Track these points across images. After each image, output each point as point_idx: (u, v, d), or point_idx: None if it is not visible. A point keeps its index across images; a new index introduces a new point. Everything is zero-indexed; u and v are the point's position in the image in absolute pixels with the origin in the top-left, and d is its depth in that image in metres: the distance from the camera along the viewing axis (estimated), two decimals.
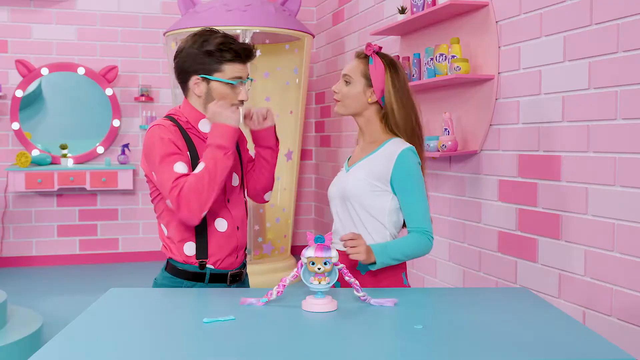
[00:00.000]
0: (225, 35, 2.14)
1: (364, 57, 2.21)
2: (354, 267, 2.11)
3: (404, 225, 2.20)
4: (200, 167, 2.05)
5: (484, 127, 3.56)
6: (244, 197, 2.33)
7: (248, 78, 2.19)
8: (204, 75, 2.13)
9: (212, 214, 2.17)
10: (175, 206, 2.03)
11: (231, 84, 2.13)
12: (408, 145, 2.14)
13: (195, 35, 2.16)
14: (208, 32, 2.15)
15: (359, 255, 1.95)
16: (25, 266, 6.30)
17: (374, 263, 2.01)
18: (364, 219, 2.13)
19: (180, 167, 2.07)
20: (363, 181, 2.13)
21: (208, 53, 2.11)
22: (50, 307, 4.84)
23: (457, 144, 3.65)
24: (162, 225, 2.21)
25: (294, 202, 6.02)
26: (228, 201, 2.21)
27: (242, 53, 2.13)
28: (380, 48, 2.22)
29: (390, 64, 2.20)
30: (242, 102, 2.17)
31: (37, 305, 4.83)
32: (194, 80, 2.15)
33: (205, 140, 2.17)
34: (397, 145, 2.14)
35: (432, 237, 2.11)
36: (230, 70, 2.12)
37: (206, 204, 2.03)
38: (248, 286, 2.36)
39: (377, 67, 2.19)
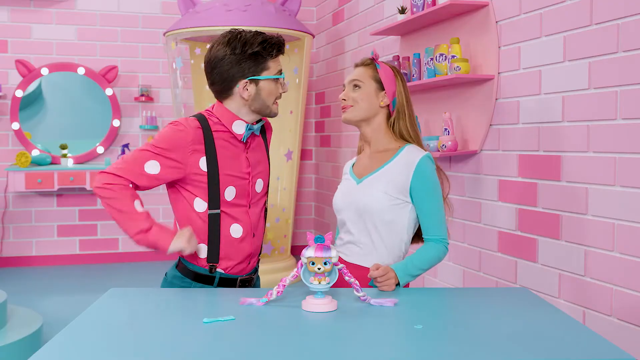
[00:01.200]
0: (260, 33, 2.14)
1: (368, 63, 2.21)
2: (367, 281, 2.10)
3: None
4: (136, 206, 2.06)
5: (484, 127, 3.56)
6: (265, 204, 2.30)
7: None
8: (253, 77, 2.11)
9: (229, 219, 2.15)
10: (100, 180, 2.07)
11: (277, 78, 2.15)
12: (424, 152, 2.13)
13: (229, 39, 2.11)
14: (241, 34, 2.12)
15: (389, 287, 1.97)
16: (25, 266, 6.30)
17: (397, 284, 2.02)
18: (382, 234, 2.12)
19: (150, 167, 2.07)
20: (383, 196, 2.10)
21: (254, 55, 2.09)
22: (50, 307, 4.84)
23: (457, 144, 3.65)
24: (177, 224, 2.21)
25: (294, 202, 6.02)
26: (249, 207, 2.19)
27: (282, 46, 2.15)
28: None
29: (397, 70, 2.23)
30: (281, 95, 2.20)
31: (37, 305, 4.83)
32: (242, 84, 2.12)
33: (233, 140, 2.15)
34: (414, 153, 2.12)
35: (448, 243, 2.14)
36: (274, 65, 2.14)
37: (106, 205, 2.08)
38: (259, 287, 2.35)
39: (385, 71, 2.20)
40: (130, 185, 2.09)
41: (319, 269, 1.71)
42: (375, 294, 1.93)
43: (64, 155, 6.29)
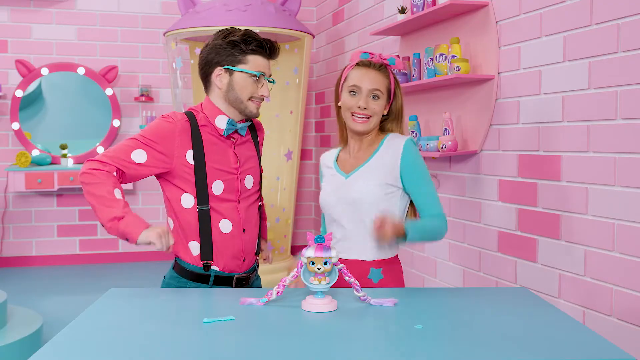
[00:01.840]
0: (253, 32, 2.17)
1: (383, 69, 2.17)
2: (366, 276, 2.10)
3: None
4: (115, 194, 2.01)
5: (484, 127, 3.56)
6: (259, 200, 2.31)
7: (271, 79, 2.19)
8: (228, 67, 2.13)
9: (218, 215, 2.16)
10: (85, 167, 2.06)
11: (254, 76, 2.13)
12: (407, 136, 2.17)
13: (220, 30, 2.18)
14: (232, 28, 2.18)
15: (386, 237, 1.94)
16: (25, 266, 6.30)
17: (404, 238, 2.00)
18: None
19: (137, 155, 2.08)
20: (376, 186, 2.10)
21: (232, 44, 2.12)
22: (50, 307, 4.84)
23: (457, 144, 3.65)
24: (170, 223, 2.22)
25: (294, 202, 6.02)
26: (238, 202, 2.20)
27: (266, 46, 2.14)
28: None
29: (396, 77, 2.21)
30: (262, 98, 2.17)
31: (37, 305, 4.83)
32: (217, 71, 2.15)
33: (220, 136, 2.17)
34: (398, 138, 2.15)
35: (447, 221, 2.15)
36: (254, 62, 2.13)
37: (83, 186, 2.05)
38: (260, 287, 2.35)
39: (392, 81, 2.19)
40: (115, 174, 2.07)
41: (319, 269, 1.71)
42: (375, 294, 1.93)
43: (64, 155, 6.29)
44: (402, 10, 4.15)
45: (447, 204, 4.01)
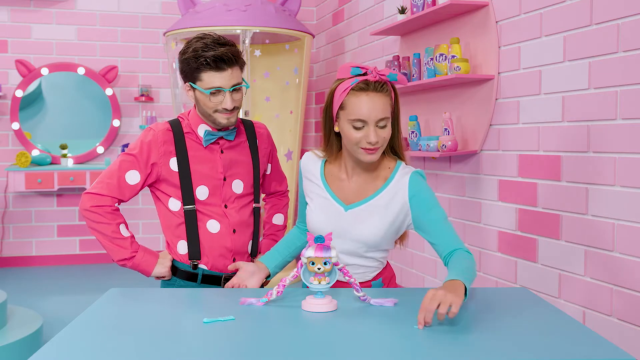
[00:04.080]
0: (207, 42, 2.06)
1: (385, 88, 1.88)
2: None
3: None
4: (121, 231, 2.15)
5: (484, 127, 3.56)
6: (253, 203, 2.29)
7: (242, 85, 2.11)
8: (190, 83, 2.13)
9: (206, 216, 2.18)
10: (87, 203, 2.14)
11: (211, 93, 2.07)
12: (412, 169, 1.97)
13: (190, 40, 2.13)
14: (196, 38, 2.10)
15: (456, 307, 1.58)
16: (25, 266, 6.30)
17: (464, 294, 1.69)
18: (377, 255, 2.02)
19: (130, 177, 2.14)
20: (383, 226, 1.94)
21: (187, 62, 2.08)
22: (50, 307, 4.84)
23: (457, 144, 3.65)
24: (162, 227, 2.26)
25: (294, 202, 6.02)
26: (226, 207, 2.21)
27: (215, 62, 2.03)
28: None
29: (395, 89, 1.95)
30: (231, 109, 2.09)
31: (37, 305, 4.83)
32: (186, 86, 2.17)
33: (200, 143, 2.18)
34: (404, 173, 1.96)
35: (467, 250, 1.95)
36: (207, 79, 2.06)
37: (86, 219, 2.16)
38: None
39: (393, 95, 1.95)
40: (117, 204, 2.16)
41: (319, 269, 1.71)
42: (375, 294, 1.93)
43: (64, 155, 6.29)
44: (402, 10, 4.15)
45: (447, 204, 4.01)
